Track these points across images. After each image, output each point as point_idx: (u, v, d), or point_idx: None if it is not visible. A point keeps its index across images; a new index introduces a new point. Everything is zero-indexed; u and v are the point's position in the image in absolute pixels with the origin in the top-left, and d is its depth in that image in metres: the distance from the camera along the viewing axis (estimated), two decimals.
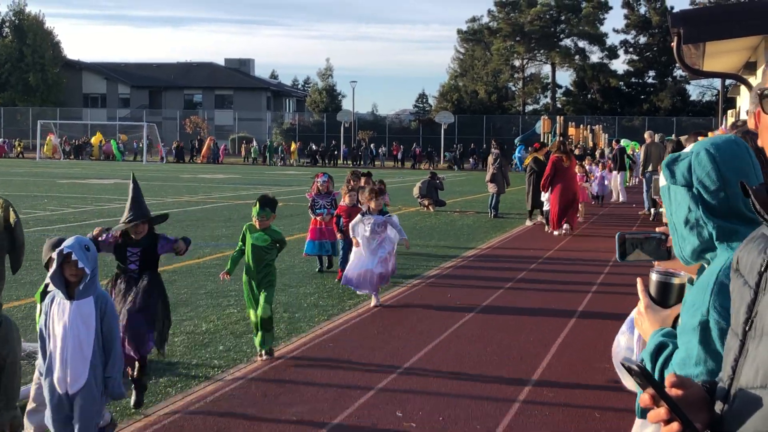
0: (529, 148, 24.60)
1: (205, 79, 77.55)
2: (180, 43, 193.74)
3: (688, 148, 2.06)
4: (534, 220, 17.57)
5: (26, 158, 55.39)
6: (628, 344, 2.66)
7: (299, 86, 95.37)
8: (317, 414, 5.53)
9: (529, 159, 18.19)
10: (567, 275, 11.32)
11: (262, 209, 6.82)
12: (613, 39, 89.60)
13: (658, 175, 2.25)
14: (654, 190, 15.87)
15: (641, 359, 2.09)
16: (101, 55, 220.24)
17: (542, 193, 16.28)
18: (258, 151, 56.12)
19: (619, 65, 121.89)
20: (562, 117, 39.03)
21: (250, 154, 56.21)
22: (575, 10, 68.44)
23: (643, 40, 69.49)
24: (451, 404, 5.78)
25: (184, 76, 78.15)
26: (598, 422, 5.51)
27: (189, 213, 19.13)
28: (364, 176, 12.30)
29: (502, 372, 6.61)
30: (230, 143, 63.80)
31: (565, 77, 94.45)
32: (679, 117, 61.50)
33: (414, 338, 7.65)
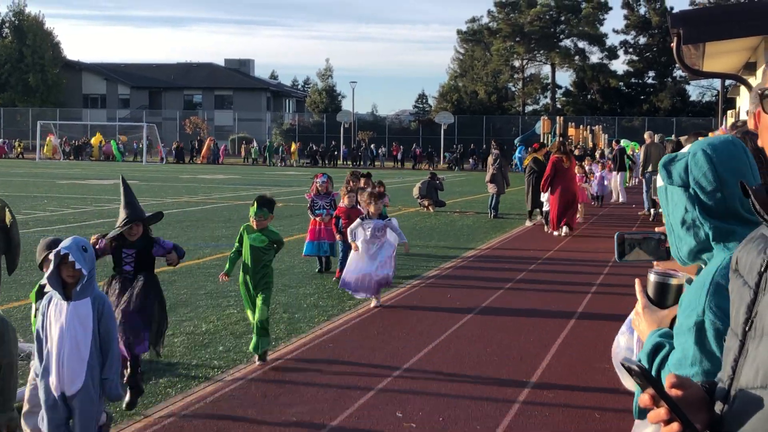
0: (528, 148, 24.59)
1: (205, 80, 77.59)
2: (180, 44, 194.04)
3: (685, 149, 2.06)
4: (534, 221, 17.58)
5: (26, 159, 55.39)
6: (627, 344, 2.66)
7: (299, 87, 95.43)
8: (317, 414, 5.53)
9: (528, 159, 18.20)
10: (567, 276, 11.32)
11: (259, 209, 6.80)
12: (613, 39, 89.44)
13: (657, 175, 2.24)
14: (654, 191, 15.87)
15: (638, 359, 2.08)
16: (101, 56, 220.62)
17: (542, 193, 16.29)
18: (258, 151, 56.16)
19: (619, 66, 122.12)
20: (561, 117, 39.02)
21: (251, 155, 56.23)
22: (575, 10, 68.47)
23: (642, 40, 69.53)
24: (451, 405, 5.78)
25: (183, 77, 78.18)
26: (598, 423, 5.51)
27: (189, 213, 19.13)
28: (363, 177, 12.28)
29: (502, 372, 6.61)
30: (230, 144, 63.81)
31: (565, 78, 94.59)
32: (679, 117, 61.53)
33: (414, 339, 7.65)
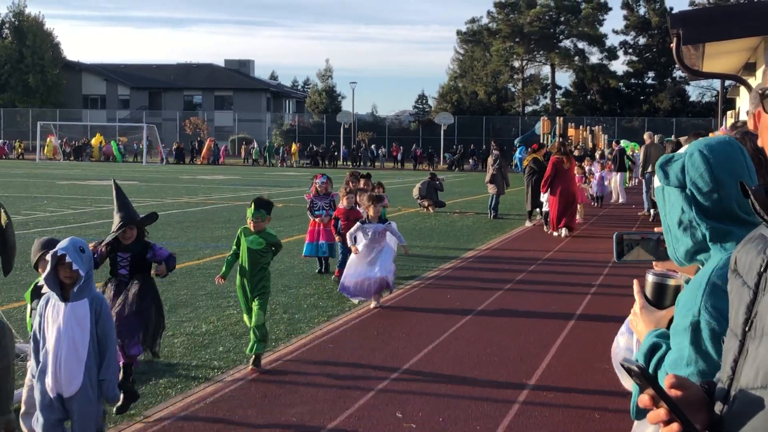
0: (528, 149, 24.58)
1: (205, 80, 77.59)
2: (179, 44, 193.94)
3: (682, 149, 2.06)
4: (533, 221, 17.59)
5: (26, 159, 55.38)
6: (627, 345, 2.66)
7: (299, 87, 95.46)
8: (317, 415, 5.53)
9: (528, 160, 18.20)
10: (566, 276, 11.32)
11: (257, 210, 6.75)
12: (613, 40, 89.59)
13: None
14: (653, 191, 15.86)
15: (635, 360, 2.08)
16: (101, 57, 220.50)
17: (542, 193, 16.29)
18: (258, 152, 56.17)
19: (619, 66, 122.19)
20: (561, 118, 39.02)
21: (251, 155, 56.26)
22: (575, 11, 68.47)
23: (642, 41, 69.54)
24: (451, 405, 5.78)
25: (183, 77, 78.18)
26: (597, 423, 5.51)
27: (188, 214, 19.13)
28: (363, 178, 12.27)
29: (502, 373, 6.61)
30: (230, 144, 63.81)
31: (565, 78, 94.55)
32: (679, 118, 61.54)
33: (414, 339, 7.65)
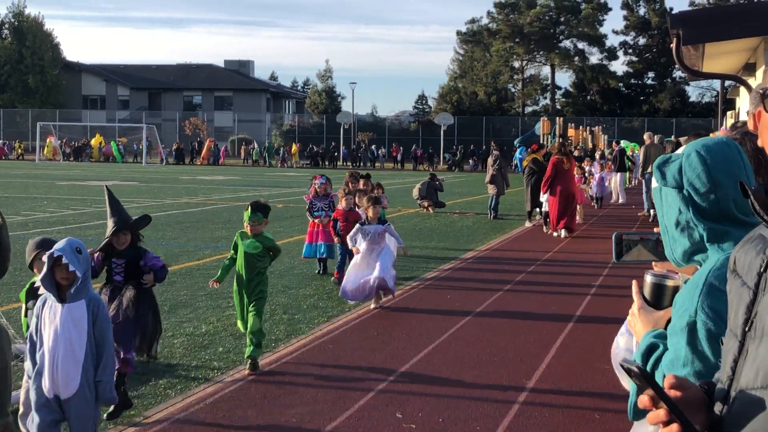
0: (528, 149, 24.57)
1: (205, 81, 77.59)
2: (179, 45, 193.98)
3: (680, 150, 2.05)
4: (533, 221, 17.59)
5: (26, 160, 55.37)
6: (627, 346, 2.66)
7: (299, 88, 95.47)
8: (317, 416, 5.53)
9: (528, 160, 18.20)
10: (566, 277, 11.32)
11: (253, 213, 6.68)
12: (613, 40, 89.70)
13: None
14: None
15: (633, 360, 2.08)
16: (100, 57, 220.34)
17: (542, 194, 16.28)
18: (259, 152, 56.17)
19: (619, 66, 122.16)
20: (561, 118, 39.02)
21: (251, 156, 56.27)
22: (574, 11, 68.49)
23: (642, 41, 69.55)
24: (450, 405, 5.78)
25: (183, 78, 78.18)
26: (597, 424, 5.51)
27: (188, 215, 19.12)
28: (362, 178, 12.28)
29: (502, 373, 6.61)
30: (230, 145, 63.81)
31: (565, 78, 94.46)
32: (679, 118, 61.54)
33: (413, 340, 7.65)
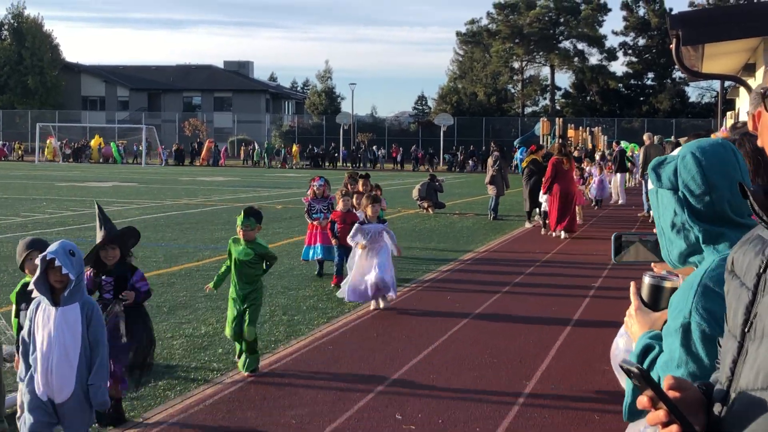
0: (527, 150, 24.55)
1: (204, 82, 77.59)
2: (179, 46, 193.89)
3: (675, 152, 2.05)
4: (533, 222, 17.58)
5: (26, 161, 55.36)
6: (626, 347, 2.65)
7: (298, 88, 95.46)
8: (317, 417, 5.53)
9: (527, 161, 18.20)
10: (566, 278, 11.31)
11: (246, 218, 6.61)
12: (612, 41, 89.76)
13: None
14: None
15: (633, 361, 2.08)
16: (100, 58, 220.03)
17: (542, 194, 16.27)
18: (260, 153, 56.17)
19: (618, 67, 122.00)
20: (561, 119, 39.00)
21: (252, 157, 56.27)
22: (574, 12, 68.47)
23: (642, 42, 69.53)
24: (450, 407, 5.78)
25: (183, 79, 78.17)
26: (597, 424, 5.50)
27: (188, 216, 19.12)
28: (361, 178, 12.29)
29: (502, 374, 6.61)
30: (229, 146, 63.81)
31: (564, 79, 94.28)
32: (678, 119, 61.53)
33: (413, 341, 7.64)
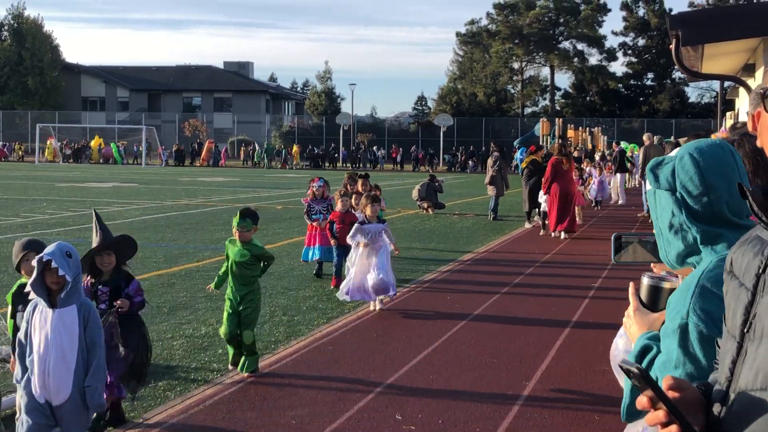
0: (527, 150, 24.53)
1: (204, 82, 77.60)
2: (179, 46, 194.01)
3: (674, 152, 2.05)
4: (533, 222, 17.58)
5: (26, 162, 55.37)
6: (626, 347, 2.65)
7: (298, 89, 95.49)
8: (317, 417, 5.53)
9: (526, 161, 18.19)
10: (565, 279, 11.31)
11: (242, 219, 6.58)
12: (612, 41, 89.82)
13: None
14: None
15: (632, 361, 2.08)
16: (100, 59, 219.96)
17: (542, 194, 16.26)
18: (260, 154, 56.16)
19: (618, 67, 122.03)
20: (561, 119, 38.95)
21: (252, 157, 56.25)
22: (574, 12, 68.46)
23: (641, 42, 69.54)
24: (450, 407, 5.78)
25: (182, 79, 78.17)
26: (597, 425, 5.50)
27: (188, 216, 19.12)
28: (361, 178, 12.29)
29: (501, 375, 6.61)
30: (229, 146, 63.81)
31: (564, 79, 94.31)
32: (678, 119, 61.53)
33: (413, 342, 7.64)
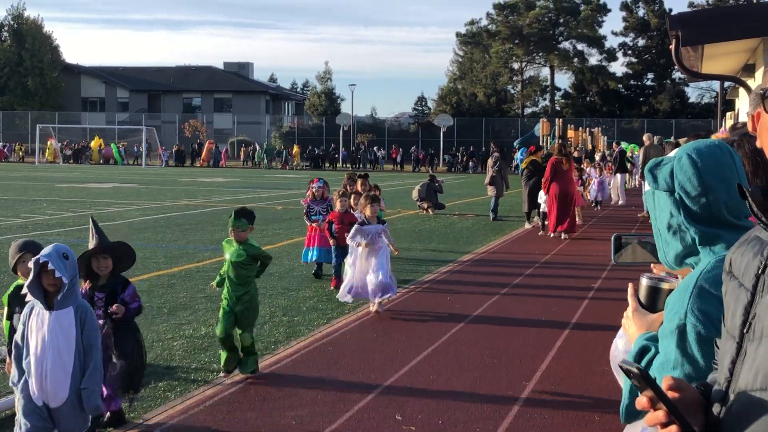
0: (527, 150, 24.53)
1: (204, 83, 77.60)
2: (179, 47, 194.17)
3: (672, 153, 2.05)
4: (533, 223, 17.58)
5: (26, 162, 55.37)
6: (626, 348, 2.65)
7: (298, 89, 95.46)
8: (317, 418, 5.53)
9: (526, 162, 18.19)
10: (565, 279, 11.31)
11: (237, 219, 6.55)
12: (612, 41, 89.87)
13: None
14: None
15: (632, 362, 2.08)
16: (100, 59, 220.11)
17: (542, 194, 16.26)
18: (260, 155, 56.16)
19: (618, 68, 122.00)
20: (561, 119, 38.96)
21: (252, 158, 56.23)
22: (574, 12, 68.47)
23: (641, 42, 69.55)
24: (450, 407, 5.78)
25: (183, 80, 78.17)
26: (597, 425, 5.50)
27: (188, 216, 19.12)
28: (360, 178, 12.29)
29: (501, 375, 6.61)
30: (229, 147, 63.81)
31: (564, 80, 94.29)
32: (678, 119, 61.54)
33: (413, 342, 7.64)
